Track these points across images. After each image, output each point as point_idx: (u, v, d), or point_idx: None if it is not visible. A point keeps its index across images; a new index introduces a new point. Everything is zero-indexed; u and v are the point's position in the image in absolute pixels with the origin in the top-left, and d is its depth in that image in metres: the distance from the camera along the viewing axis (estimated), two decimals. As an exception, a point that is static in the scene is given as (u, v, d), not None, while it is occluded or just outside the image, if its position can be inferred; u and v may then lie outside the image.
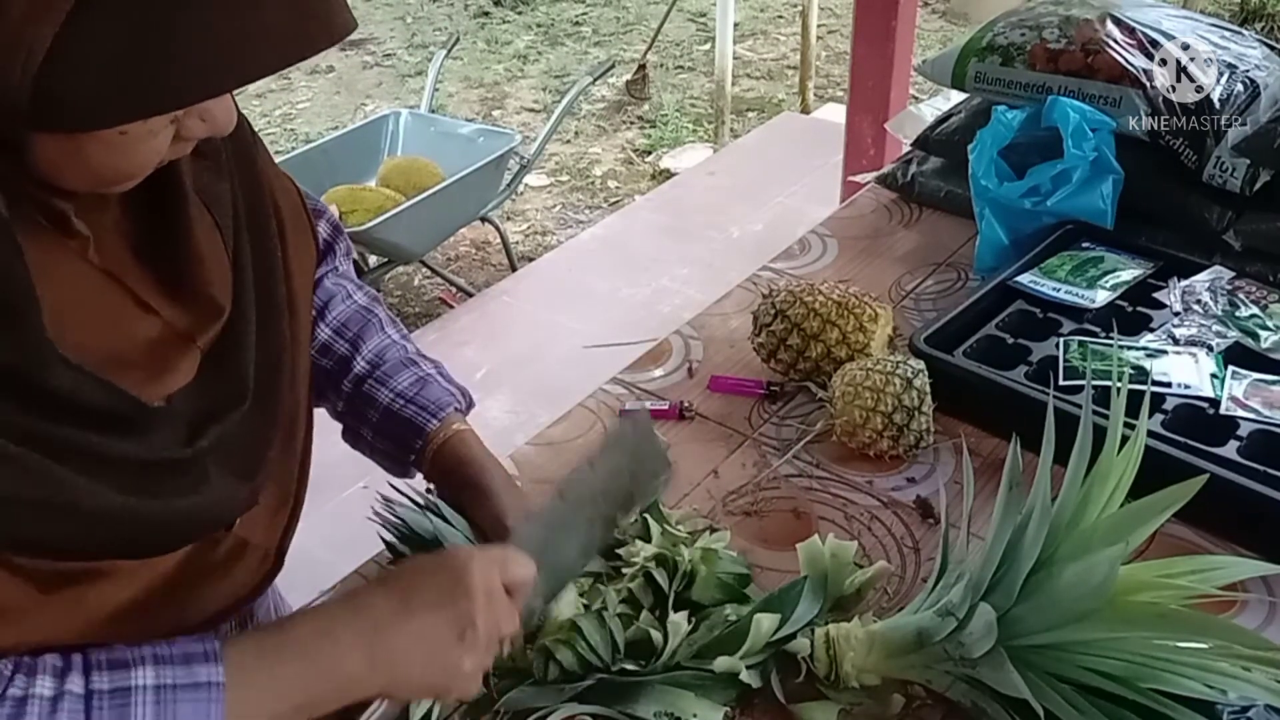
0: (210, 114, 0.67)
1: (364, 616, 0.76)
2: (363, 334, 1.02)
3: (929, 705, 0.95)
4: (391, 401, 0.99)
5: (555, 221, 4.40)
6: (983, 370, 1.29)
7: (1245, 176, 1.51)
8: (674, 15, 5.53)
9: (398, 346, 1.03)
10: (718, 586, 1.03)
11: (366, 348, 1.01)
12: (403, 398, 1.00)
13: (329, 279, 1.03)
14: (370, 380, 1.00)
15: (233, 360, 0.80)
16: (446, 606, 0.77)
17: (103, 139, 0.63)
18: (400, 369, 1.01)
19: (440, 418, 1.00)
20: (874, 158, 2.72)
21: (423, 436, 0.99)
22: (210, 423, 0.77)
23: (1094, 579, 0.79)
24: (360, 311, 1.03)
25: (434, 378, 1.02)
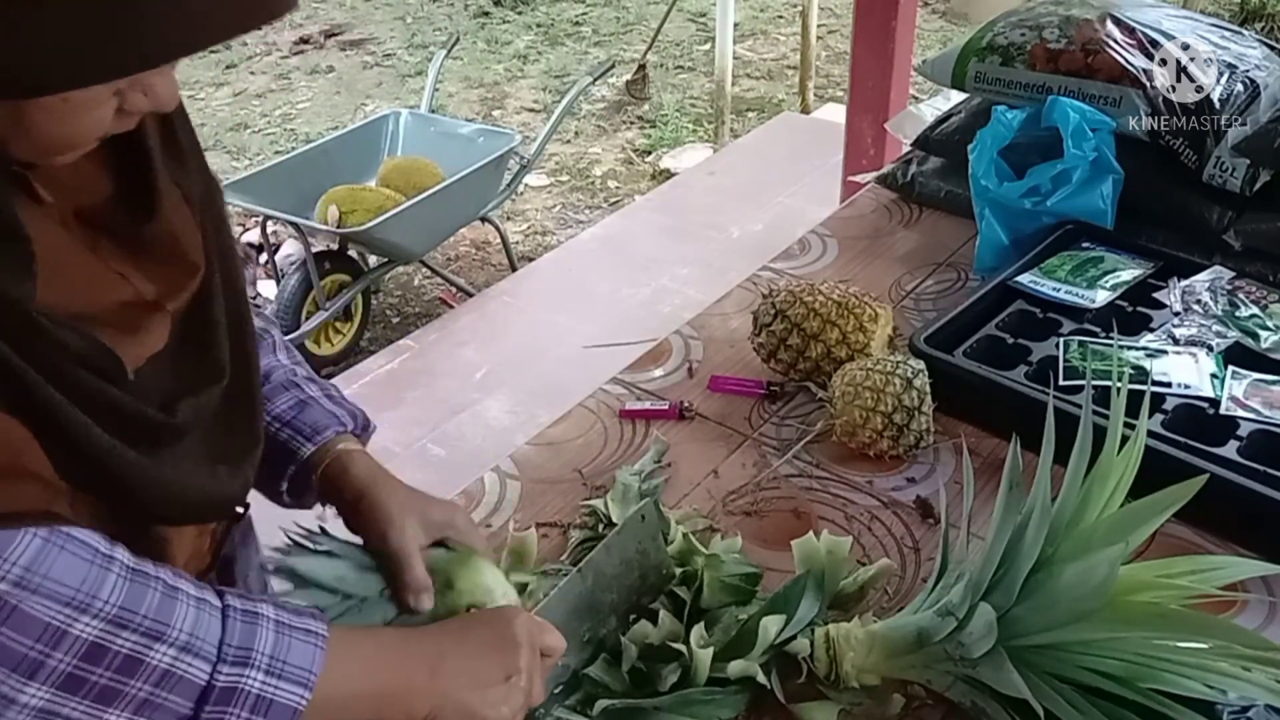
0: (153, 89, 0.68)
1: (429, 640, 0.82)
2: None
3: (929, 705, 0.95)
4: (268, 424, 0.94)
5: (555, 221, 4.40)
6: (983, 370, 1.29)
7: (1245, 176, 1.51)
8: (674, 15, 5.53)
9: (283, 369, 0.99)
10: (723, 589, 1.03)
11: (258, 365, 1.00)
12: (279, 421, 0.95)
13: None
14: None
15: (203, 332, 0.81)
16: (497, 650, 0.83)
17: (45, 107, 0.64)
18: (280, 392, 0.97)
19: (316, 441, 0.94)
20: (874, 158, 2.72)
21: (294, 461, 0.94)
22: (186, 394, 0.78)
23: (1094, 579, 0.79)
24: (260, 331, 0.98)
25: (316, 401, 0.97)
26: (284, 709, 0.71)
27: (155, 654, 0.67)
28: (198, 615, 0.70)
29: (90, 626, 0.65)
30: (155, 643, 0.67)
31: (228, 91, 5.70)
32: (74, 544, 0.66)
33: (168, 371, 0.77)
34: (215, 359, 0.81)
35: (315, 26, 6.50)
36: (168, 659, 0.67)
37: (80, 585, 0.65)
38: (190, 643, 0.68)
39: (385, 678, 0.79)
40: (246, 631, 0.71)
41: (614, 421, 1.34)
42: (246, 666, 0.70)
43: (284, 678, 0.71)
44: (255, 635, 0.71)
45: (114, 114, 0.68)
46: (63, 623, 0.64)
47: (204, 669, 0.69)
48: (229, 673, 0.69)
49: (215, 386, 0.81)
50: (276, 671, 0.71)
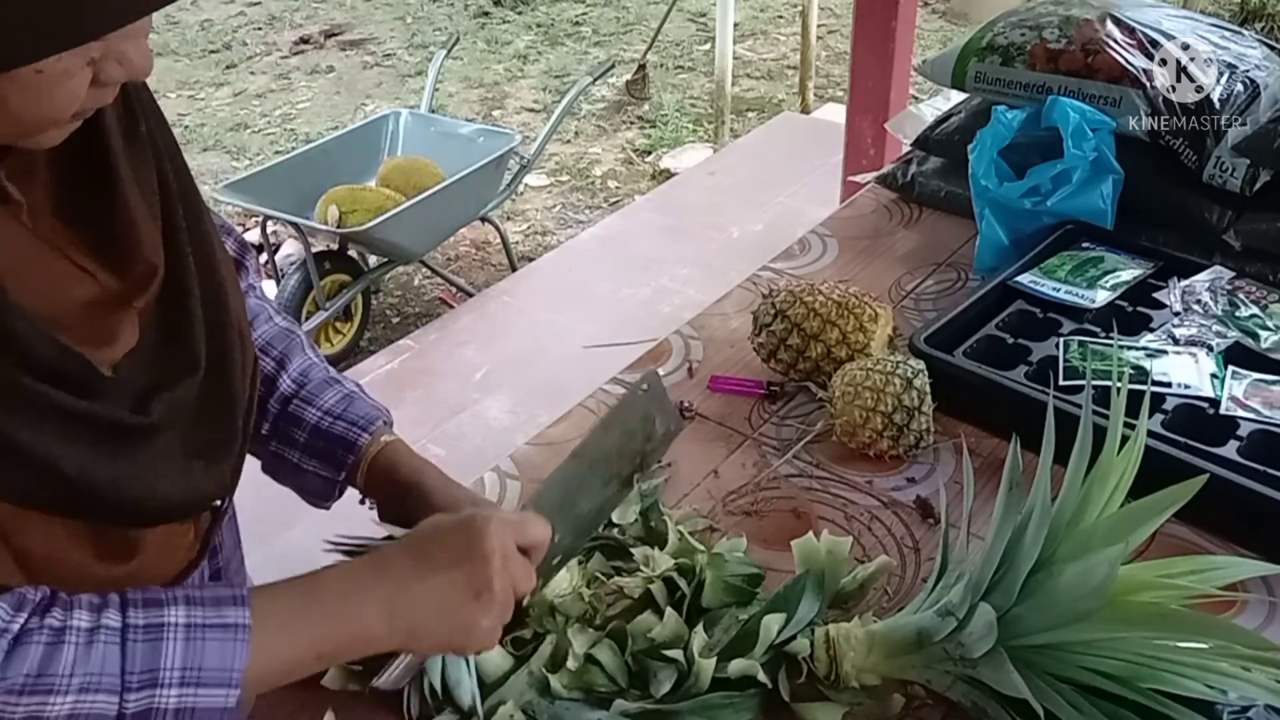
0: (126, 56, 0.68)
1: (385, 575, 0.79)
2: (288, 353, 1.01)
3: (929, 705, 0.95)
4: (320, 419, 0.98)
5: (555, 221, 4.40)
6: (983, 370, 1.29)
7: (1245, 176, 1.51)
8: (674, 15, 5.53)
9: (320, 367, 1.02)
10: (725, 590, 1.03)
11: (292, 366, 1.01)
12: (331, 415, 0.98)
13: (250, 297, 1.01)
14: (296, 400, 0.99)
15: (178, 327, 0.80)
16: (463, 567, 0.80)
17: (19, 80, 0.63)
18: (325, 387, 1.00)
19: (371, 431, 0.99)
20: (874, 158, 2.72)
21: (354, 451, 0.98)
22: (160, 390, 0.77)
23: (1094, 579, 0.79)
24: (284, 332, 1.02)
25: (359, 394, 1.02)
26: (210, 712, 0.71)
27: (54, 707, 0.67)
28: (89, 653, 0.68)
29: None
30: (50, 696, 0.67)
31: (228, 91, 5.70)
32: None
33: (142, 367, 0.77)
34: (190, 353, 0.81)
35: (315, 26, 6.50)
36: (68, 706, 0.67)
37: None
38: (87, 683, 0.68)
39: (334, 637, 0.78)
40: (149, 651, 0.70)
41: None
42: (156, 687, 0.69)
43: (202, 684, 0.71)
44: (159, 653, 0.70)
45: (89, 87, 0.67)
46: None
47: (110, 701, 0.68)
48: (137, 698, 0.69)
49: (190, 380, 0.80)
50: (192, 681, 0.70)
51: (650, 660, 0.96)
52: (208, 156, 5.01)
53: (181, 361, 0.81)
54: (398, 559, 0.81)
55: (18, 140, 0.69)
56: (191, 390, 0.80)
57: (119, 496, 0.74)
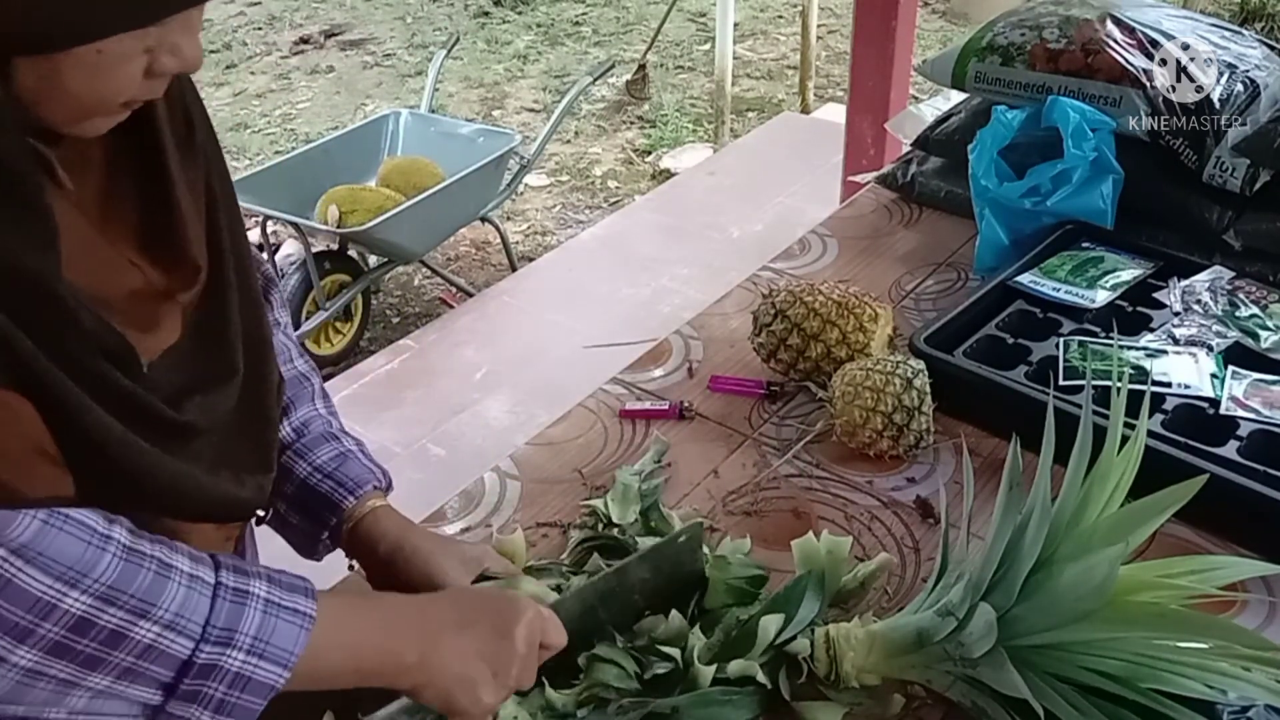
0: (180, 49, 0.70)
1: (430, 620, 0.84)
2: (295, 400, 1.00)
3: (929, 705, 0.95)
4: (309, 475, 0.97)
5: (555, 221, 4.40)
6: (983, 370, 1.29)
7: (1245, 176, 1.51)
8: (674, 15, 5.53)
9: (323, 420, 1.01)
10: (727, 591, 1.03)
11: (295, 415, 0.99)
12: (320, 472, 0.98)
13: (278, 333, 1.00)
14: (290, 451, 0.98)
15: (218, 331, 0.83)
16: (493, 644, 0.84)
17: (78, 61, 0.66)
18: (321, 442, 0.99)
19: (357, 495, 0.98)
20: (874, 158, 2.72)
21: (337, 513, 0.97)
22: (194, 392, 0.79)
23: (1094, 579, 0.79)
24: (298, 378, 1.01)
25: (354, 454, 1.00)
26: (261, 686, 0.73)
27: (139, 630, 0.69)
28: (187, 594, 0.71)
29: (79, 602, 0.67)
30: (140, 620, 0.69)
31: (228, 91, 5.70)
32: (71, 524, 0.68)
33: (180, 367, 0.79)
34: (228, 357, 0.83)
35: (315, 26, 6.50)
36: (151, 635, 0.70)
37: (73, 564, 0.67)
38: (175, 621, 0.70)
39: (373, 656, 0.81)
40: (233, 612, 0.73)
41: (614, 421, 1.34)
42: (228, 646, 0.72)
43: (264, 657, 0.73)
44: (241, 616, 0.73)
45: (143, 75, 0.70)
46: (53, 597, 0.66)
47: (187, 645, 0.71)
48: (210, 651, 0.72)
49: (228, 385, 0.82)
50: (258, 651, 0.73)
51: (651, 658, 0.96)
52: (208, 156, 5.00)
53: (219, 365, 0.82)
54: (444, 611, 0.86)
55: (68, 125, 0.71)
56: (230, 398, 0.82)
57: (154, 478, 0.76)
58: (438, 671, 0.82)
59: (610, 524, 1.13)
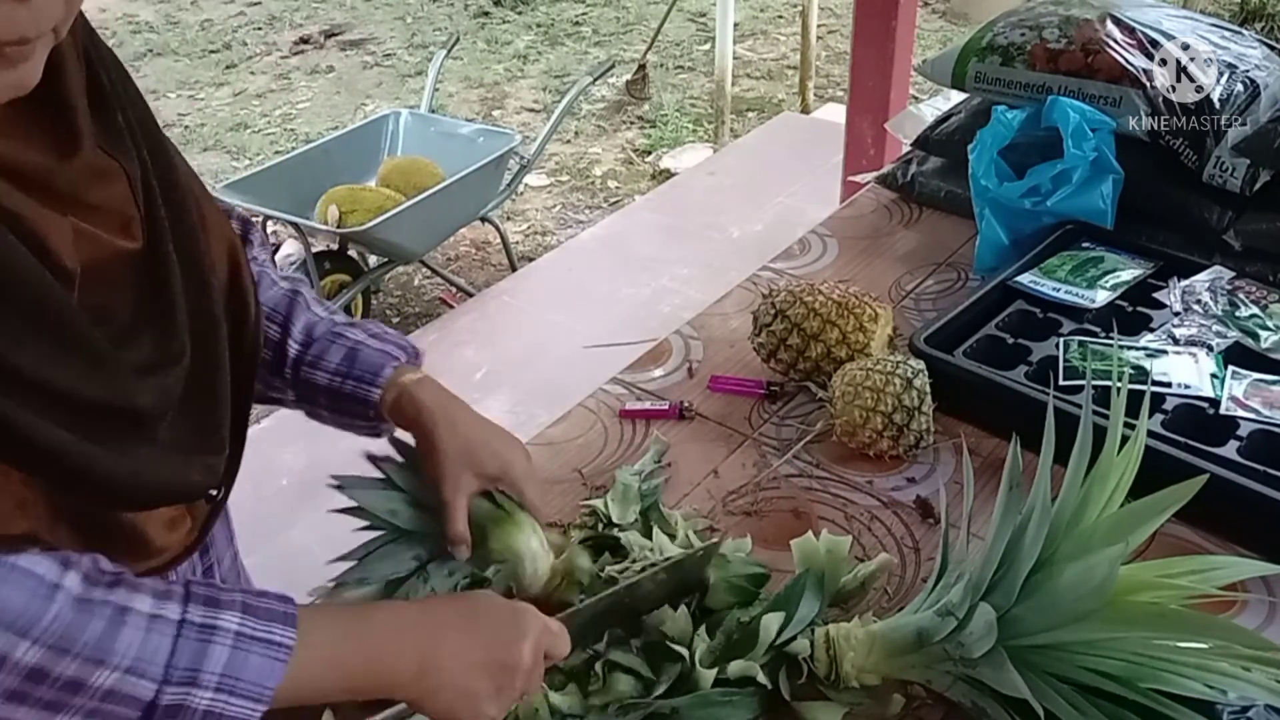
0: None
1: (430, 631, 0.83)
2: (291, 315, 1.01)
3: (929, 705, 0.95)
4: (330, 381, 0.99)
5: (555, 221, 4.40)
6: (983, 370, 1.29)
7: (1245, 176, 1.51)
8: (674, 15, 5.53)
9: (324, 322, 1.03)
10: (729, 590, 1.03)
11: (296, 328, 1.01)
12: (339, 375, 0.99)
13: (254, 266, 1.00)
14: (305, 365, 1.00)
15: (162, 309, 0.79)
16: (498, 658, 0.83)
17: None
18: (328, 346, 1.01)
19: (380, 383, 0.99)
20: (874, 158, 2.72)
21: (371, 406, 0.99)
22: (147, 374, 0.76)
23: (1094, 579, 0.79)
24: (285, 295, 1.02)
25: (363, 345, 1.01)
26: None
27: (98, 678, 0.68)
28: (145, 638, 0.70)
29: (30, 653, 0.66)
30: (98, 668, 0.68)
31: (228, 91, 5.70)
32: (17, 574, 0.67)
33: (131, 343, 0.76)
34: (175, 339, 0.80)
35: (315, 26, 6.51)
36: (111, 681, 0.68)
37: (18, 616, 0.66)
38: (135, 665, 0.69)
39: (364, 673, 0.79)
40: (198, 650, 0.71)
41: (614, 421, 1.34)
42: (193, 685, 0.70)
43: (235, 693, 0.72)
44: (206, 654, 0.71)
45: None
46: (3, 648, 0.65)
47: (149, 688, 0.70)
48: (174, 692, 0.70)
49: (175, 368, 0.79)
50: (228, 688, 0.71)
51: (661, 659, 0.96)
52: (208, 156, 5.01)
53: (166, 349, 0.79)
54: (447, 619, 0.84)
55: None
56: (179, 380, 0.79)
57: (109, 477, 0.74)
58: (437, 684, 0.81)
59: (610, 524, 1.13)
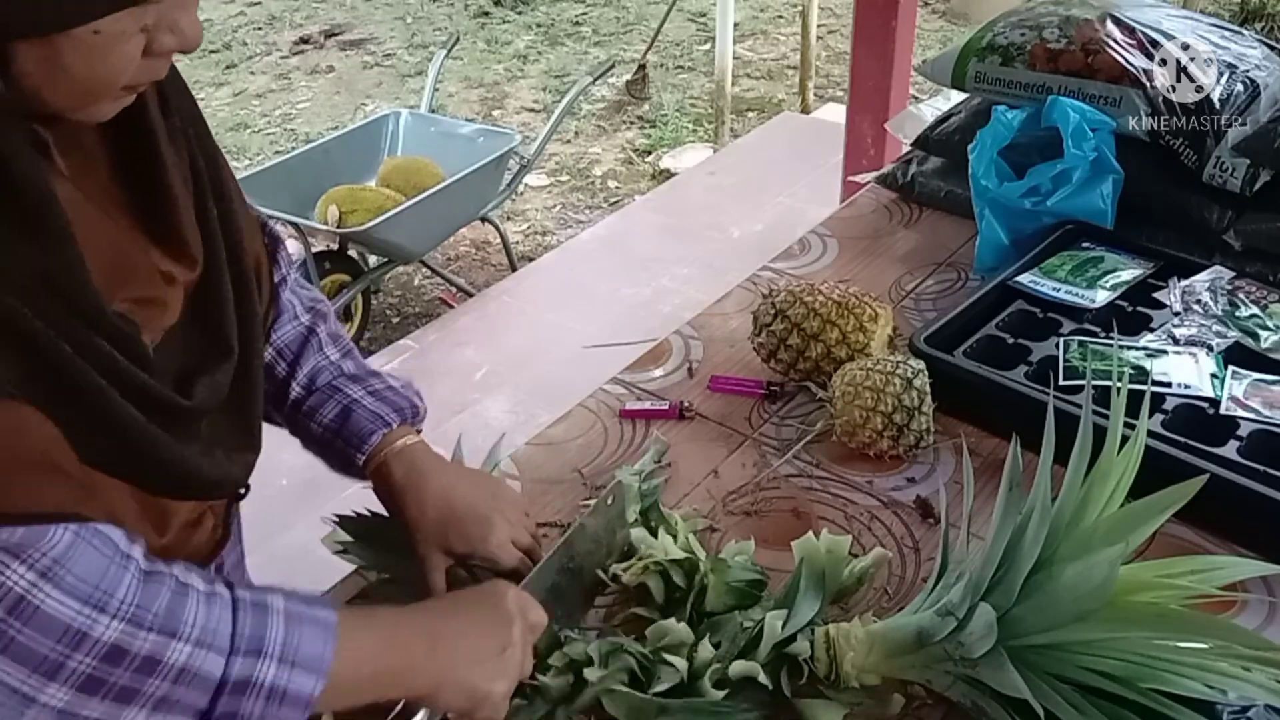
0: (179, 27, 0.70)
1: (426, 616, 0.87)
2: (301, 356, 1.02)
3: (929, 705, 0.95)
4: (321, 434, 1.00)
5: (555, 221, 4.40)
6: (983, 370, 1.29)
7: (1245, 176, 1.51)
8: (674, 15, 5.53)
9: (330, 369, 1.03)
10: (728, 593, 1.02)
11: (302, 371, 1.02)
12: (330, 431, 1.00)
13: (281, 291, 1.02)
14: (302, 411, 1.01)
15: (214, 311, 0.83)
16: (492, 624, 0.87)
17: (76, 41, 0.66)
18: (326, 399, 1.01)
19: (365, 449, 0.99)
20: (874, 158, 2.72)
21: (356, 469, 1.01)
22: (198, 374, 0.80)
23: (1094, 579, 0.79)
24: (302, 335, 1.03)
25: (358, 405, 1.01)
26: (298, 697, 0.73)
27: (172, 651, 0.68)
28: (209, 610, 0.71)
29: (110, 628, 0.66)
30: (171, 639, 0.68)
31: (228, 91, 5.70)
32: (99, 539, 0.68)
33: (181, 349, 0.80)
34: (224, 338, 0.84)
35: (315, 26, 6.50)
36: (184, 655, 0.69)
37: (99, 583, 0.67)
38: (203, 637, 0.70)
39: (388, 658, 0.81)
40: (258, 623, 0.73)
41: (614, 421, 1.34)
42: (260, 657, 0.71)
43: (297, 666, 0.73)
44: (267, 626, 0.73)
45: (142, 55, 0.70)
46: (84, 624, 0.65)
47: (219, 661, 0.70)
48: (243, 663, 0.71)
49: (226, 364, 0.83)
50: (290, 660, 0.73)
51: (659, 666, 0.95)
52: (208, 156, 5.00)
53: (216, 346, 0.83)
54: (432, 608, 0.90)
55: (70, 109, 0.70)
56: (228, 375, 0.83)
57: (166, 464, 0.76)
58: (450, 664, 0.83)
59: (610, 524, 1.13)
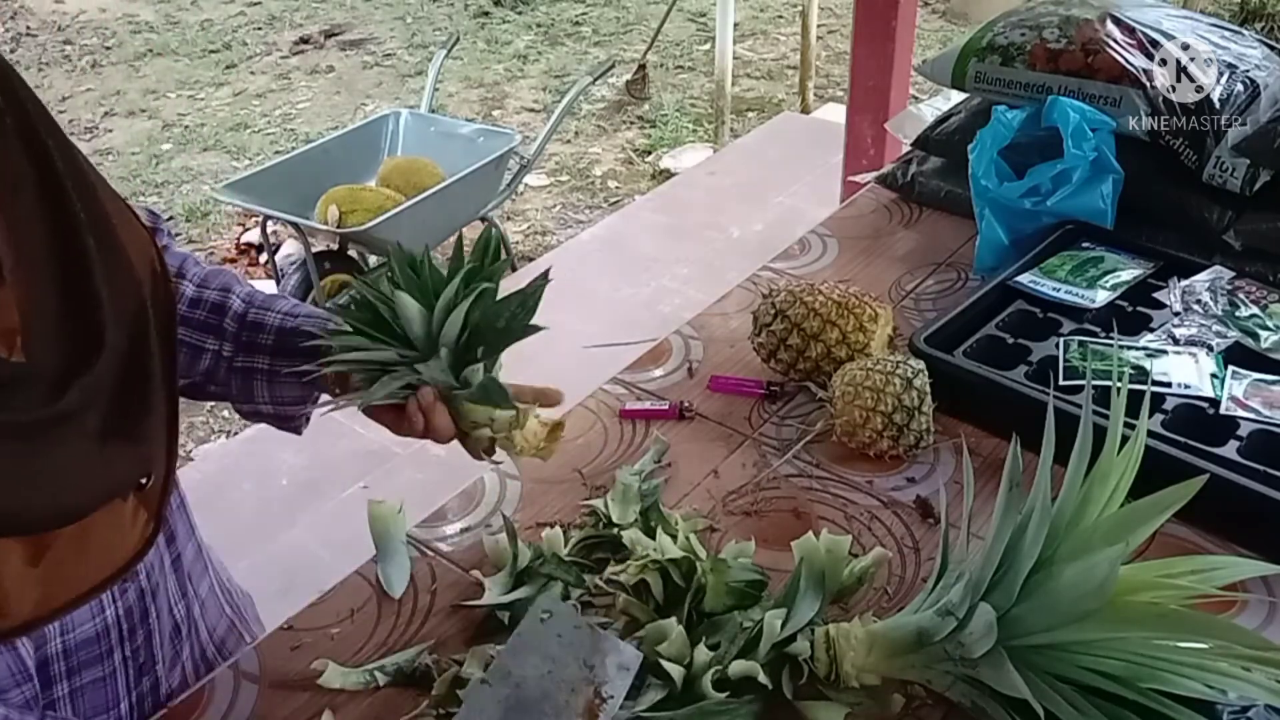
0: None
1: None
2: (228, 283, 1.06)
3: (929, 705, 0.95)
4: (283, 320, 1.03)
5: (555, 221, 4.40)
6: (983, 370, 1.29)
7: (1245, 176, 1.51)
8: (674, 15, 5.53)
9: (260, 292, 1.08)
10: (728, 593, 1.02)
11: (238, 290, 1.06)
12: (292, 315, 1.04)
13: (171, 249, 1.04)
14: (253, 310, 1.04)
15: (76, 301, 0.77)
16: None
17: None
18: (275, 299, 1.06)
19: (335, 321, 1.02)
20: (874, 158, 2.72)
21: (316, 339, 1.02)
22: (72, 377, 0.75)
23: (1094, 579, 0.79)
24: (217, 270, 1.07)
25: (303, 304, 1.08)
26: None
27: None
28: None
29: None
30: None
31: (228, 91, 5.70)
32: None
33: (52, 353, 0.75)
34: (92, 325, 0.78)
35: (315, 26, 6.51)
36: None
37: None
38: None
39: None
40: None
41: (614, 421, 1.34)
42: None
43: None
44: None
45: None
46: None
47: None
48: None
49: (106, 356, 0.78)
50: None
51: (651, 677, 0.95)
52: (207, 156, 5.01)
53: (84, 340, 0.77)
54: None
55: None
56: (110, 367, 0.78)
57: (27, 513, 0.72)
58: None
59: (610, 524, 1.13)
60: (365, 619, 1.06)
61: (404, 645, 1.03)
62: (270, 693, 0.98)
